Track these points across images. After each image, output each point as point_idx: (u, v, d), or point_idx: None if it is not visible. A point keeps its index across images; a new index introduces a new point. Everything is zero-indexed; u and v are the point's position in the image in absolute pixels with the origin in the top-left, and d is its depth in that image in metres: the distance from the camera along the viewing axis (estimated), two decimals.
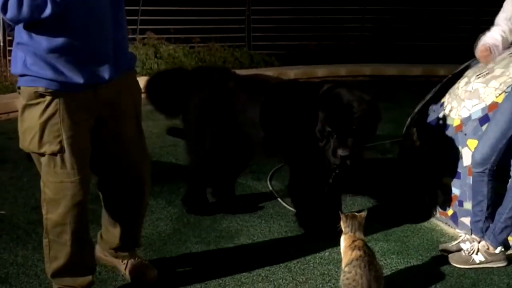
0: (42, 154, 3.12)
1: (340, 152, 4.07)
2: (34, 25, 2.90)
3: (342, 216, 3.62)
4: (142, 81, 4.89)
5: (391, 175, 5.56)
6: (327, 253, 4.20)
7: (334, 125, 4.07)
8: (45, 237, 3.34)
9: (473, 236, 4.14)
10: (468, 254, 4.05)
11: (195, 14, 12.22)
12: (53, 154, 3.09)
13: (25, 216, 4.79)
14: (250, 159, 5.11)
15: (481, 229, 4.11)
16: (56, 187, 3.17)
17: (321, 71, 11.67)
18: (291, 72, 11.39)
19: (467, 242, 4.11)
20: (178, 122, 5.09)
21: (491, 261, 4.03)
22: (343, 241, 3.58)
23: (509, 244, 4.18)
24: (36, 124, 3.06)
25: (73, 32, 2.95)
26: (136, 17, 11.38)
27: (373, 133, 4.28)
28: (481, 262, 4.02)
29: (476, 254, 4.03)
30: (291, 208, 4.84)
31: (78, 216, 3.23)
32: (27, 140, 3.13)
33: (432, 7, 13.50)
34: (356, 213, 3.64)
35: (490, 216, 4.08)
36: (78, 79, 3.01)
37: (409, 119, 5.40)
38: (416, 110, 5.37)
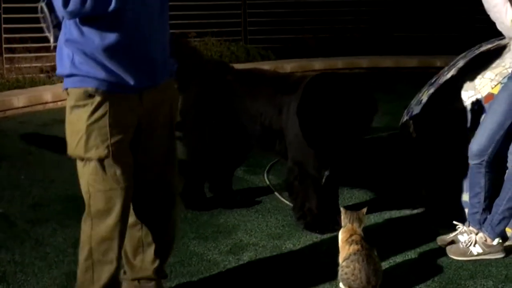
0: (88, 160, 2.90)
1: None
2: (88, 20, 2.74)
3: (342, 210, 3.64)
4: None
5: (389, 167, 5.55)
6: (324, 247, 4.20)
7: (315, 143, 4.15)
8: (86, 258, 3.04)
9: (470, 227, 4.13)
10: (466, 246, 4.04)
11: (190, 9, 12.19)
12: (101, 159, 2.88)
13: (22, 214, 4.79)
14: (247, 153, 5.11)
15: (478, 221, 4.11)
16: (106, 195, 2.94)
17: (317, 64, 11.65)
18: (288, 66, 11.37)
19: (465, 234, 4.10)
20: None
21: (489, 253, 4.03)
22: (341, 234, 3.59)
23: (506, 235, 4.18)
24: (83, 127, 2.86)
25: (127, 30, 2.79)
26: None
27: (369, 126, 4.28)
28: (479, 254, 4.02)
29: (474, 246, 4.03)
30: (288, 202, 4.83)
31: (124, 228, 3.05)
32: (73, 144, 2.92)
33: None
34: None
35: (488, 207, 4.08)
36: (130, 80, 2.85)
37: (405, 111, 5.40)
38: (412, 102, 5.37)
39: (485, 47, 4.96)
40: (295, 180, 4.46)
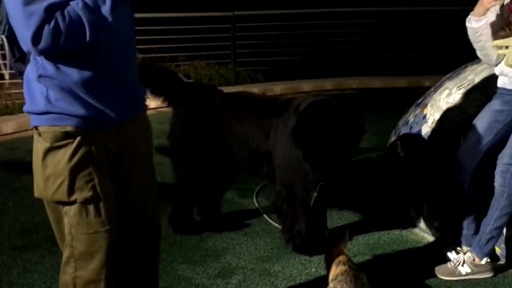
0: (71, 203, 2.68)
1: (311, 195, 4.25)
2: (63, 55, 2.52)
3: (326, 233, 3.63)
4: None
5: (377, 188, 5.56)
6: (313, 269, 4.19)
7: (309, 159, 4.15)
8: None
9: (462, 246, 4.14)
10: (454, 265, 4.05)
11: (180, 33, 12.25)
12: (86, 201, 2.67)
13: (10, 241, 4.76)
14: (235, 177, 5.11)
15: (469, 239, 4.11)
16: (90, 239, 2.72)
17: (307, 86, 11.72)
18: (277, 88, 11.43)
19: (454, 252, 4.10)
20: (162, 144, 5.07)
21: (477, 272, 4.03)
22: (327, 259, 3.57)
23: (496, 254, 4.18)
24: (64, 170, 2.63)
25: (105, 62, 2.60)
26: None
27: (356, 146, 4.28)
28: (467, 274, 4.02)
29: (462, 265, 4.03)
30: (277, 225, 4.82)
31: (113, 269, 2.82)
32: (51, 188, 2.67)
33: (415, 19, 13.59)
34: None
35: (477, 226, 4.08)
36: (111, 114, 2.65)
37: (393, 131, 5.42)
38: (399, 122, 5.39)
39: (471, 67, 4.99)
40: (284, 202, 4.45)
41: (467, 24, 3.93)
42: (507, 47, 3.72)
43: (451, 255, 4.10)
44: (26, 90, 2.66)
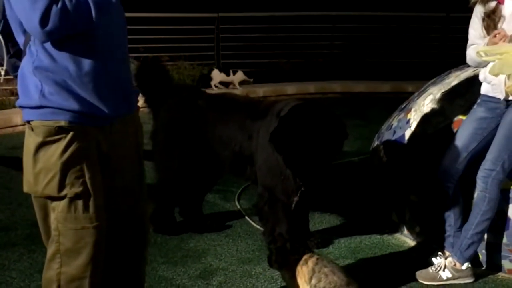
0: (61, 198, 2.66)
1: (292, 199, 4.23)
2: (61, 45, 2.52)
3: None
4: None
5: (359, 192, 5.56)
6: None
7: (289, 165, 4.12)
8: None
9: (445, 251, 4.15)
10: (435, 270, 4.05)
11: (164, 33, 12.22)
12: (75, 197, 2.65)
13: None
14: (218, 178, 5.09)
15: (451, 244, 4.12)
16: (77, 234, 2.69)
17: (290, 89, 11.72)
18: (261, 90, 11.43)
19: (438, 257, 4.11)
20: (145, 143, 5.03)
21: (458, 277, 4.04)
22: (286, 273, 3.56)
23: (478, 259, 4.20)
24: (55, 164, 2.61)
25: (101, 55, 2.60)
26: None
27: (338, 151, 4.26)
28: (448, 279, 4.03)
29: (443, 270, 4.04)
30: (258, 227, 4.81)
31: (99, 267, 2.78)
32: (41, 183, 2.64)
33: (400, 25, 13.64)
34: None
35: (460, 231, 4.09)
36: (105, 109, 2.64)
37: (376, 135, 5.42)
38: (383, 127, 5.40)
39: (455, 73, 5.01)
40: (265, 205, 4.43)
41: (473, 55, 3.93)
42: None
43: (435, 260, 4.11)
44: (20, 84, 2.65)
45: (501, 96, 3.91)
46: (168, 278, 4.10)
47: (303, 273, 3.38)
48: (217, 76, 11.26)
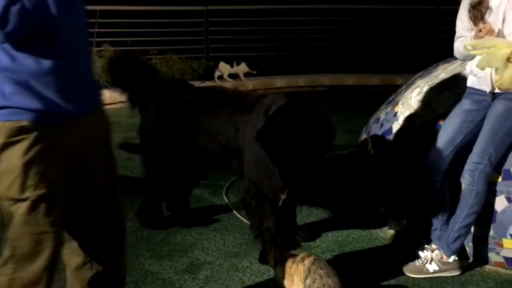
0: (23, 200, 2.55)
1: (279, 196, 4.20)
2: (21, 44, 2.44)
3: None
4: None
5: (348, 185, 5.55)
6: None
7: (276, 162, 4.08)
8: None
9: (432, 244, 4.14)
10: (422, 263, 4.05)
11: (152, 26, 12.17)
12: (38, 199, 2.55)
13: None
14: (205, 172, 5.07)
15: (438, 237, 4.12)
16: (36, 239, 2.59)
17: (279, 82, 11.72)
18: (250, 83, 11.41)
19: (425, 250, 4.11)
20: (132, 137, 5.02)
21: (445, 270, 4.04)
22: (280, 269, 3.52)
23: (465, 252, 4.21)
24: (18, 165, 2.52)
25: (62, 53, 2.53)
26: (92, 30, 11.28)
27: (326, 151, 4.23)
28: (435, 272, 4.03)
29: (430, 263, 4.04)
30: (246, 221, 4.79)
31: (53, 272, 2.68)
32: (4, 185, 2.56)
33: (389, 18, 13.65)
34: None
35: (447, 224, 4.09)
36: (68, 107, 2.56)
37: (364, 129, 5.41)
38: (370, 120, 5.39)
39: (442, 66, 5.00)
40: (252, 199, 4.42)
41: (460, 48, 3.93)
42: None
43: (421, 253, 4.10)
44: None
45: (487, 89, 3.91)
46: (154, 272, 4.09)
47: (299, 271, 3.34)
48: (224, 68, 11.30)
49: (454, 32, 4.11)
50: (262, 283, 3.94)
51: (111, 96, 9.95)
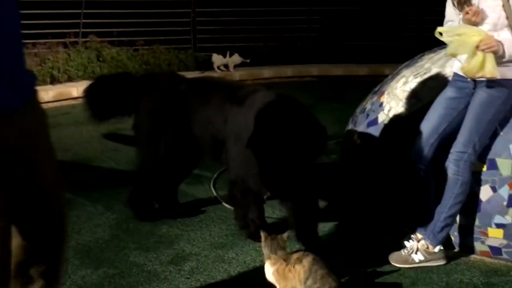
0: None
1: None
2: None
3: (262, 234, 3.51)
4: (84, 85, 4.85)
5: (334, 176, 5.54)
6: None
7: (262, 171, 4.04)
8: None
9: (417, 234, 4.14)
10: (408, 253, 4.05)
11: (139, 17, 12.10)
12: None
13: None
14: (197, 164, 4.99)
15: (424, 227, 4.12)
16: None
17: (267, 72, 11.70)
18: (237, 74, 11.38)
19: (411, 240, 4.11)
20: (119, 128, 4.98)
21: (431, 260, 4.04)
22: (271, 266, 3.42)
23: (451, 241, 4.22)
24: None
25: None
26: (78, 21, 11.23)
27: (315, 155, 4.15)
28: (420, 261, 4.03)
29: (416, 253, 4.04)
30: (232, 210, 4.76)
31: (6, 270, 2.55)
32: None
33: (377, 7, 13.62)
34: (277, 235, 3.49)
35: (432, 214, 4.09)
36: None
37: (350, 119, 5.40)
38: (357, 110, 5.38)
39: (428, 55, 4.99)
40: (238, 192, 4.38)
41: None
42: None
43: (407, 243, 4.10)
44: None
45: (468, 77, 3.91)
46: (139, 264, 4.07)
47: (296, 272, 3.28)
48: (217, 59, 11.31)
49: (442, 22, 4.10)
50: (248, 274, 3.93)
51: None
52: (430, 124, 4.02)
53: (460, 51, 3.77)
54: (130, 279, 3.87)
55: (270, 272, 3.42)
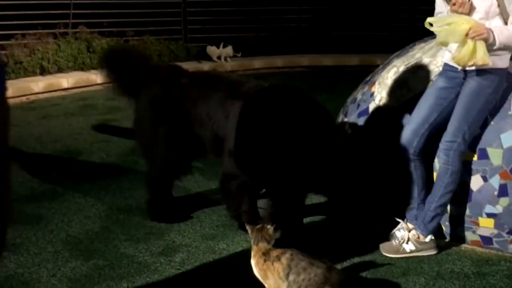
0: None
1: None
2: None
3: (248, 227, 3.47)
4: (75, 76, 4.81)
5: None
6: None
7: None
8: None
9: (408, 224, 4.14)
10: (399, 243, 4.05)
11: (129, 7, 12.03)
12: None
13: None
14: (195, 159, 4.90)
15: (415, 217, 4.12)
16: None
17: (258, 63, 11.67)
18: (228, 65, 11.34)
19: (402, 230, 4.11)
20: (108, 119, 4.94)
21: (422, 250, 4.04)
22: (252, 258, 3.42)
23: (442, 231, 4.22)
24: None
25: None
26: (68, 11, 11.15)
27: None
28: (411, 251, 4.03)
29: (407, 243, 4.04)
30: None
31: None
32: None
33: None
34: (266, 226, 3.45)
35: (423, 203, 4.09)
36: None
37: (342, 109, 5.38)
38: (348, 100, 5.36)
39: (419, 45, 4.98)
40: (231, 184, 4.32)
41: None
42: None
43: (398, 233, 4.10)
44: None
45: (459, 66, 3.90)
46: (129, 255, 4.05)
47: (275, 269, 3.24)
48: (212, 51, 11.34)
49: (434, 10, 4.11)
50: (238, 265, 3.90)
51: (87, 78, 9.95)
52: (421, 114, 4.02)
53: (450, 39, 3.77)
54: (120, 270, 3.85)
55: (257, 268, 3.38)
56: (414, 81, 4.55)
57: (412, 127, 4.03)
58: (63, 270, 3.85)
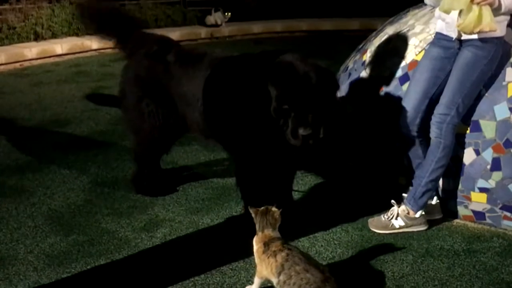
0: None
1: (302, 131, 3.55)
2: None
3: (252, 211, 3.27)
4: (69, 41, 4.65)
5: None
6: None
7: (292, 101, 3.58)
8: None
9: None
10: (388, 219, 3.93)
11: None
12: None
13: None
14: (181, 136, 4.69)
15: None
16: None
17: (256, 27, 11.51)
18: (226, 30, 11.19)
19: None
20: (102, 86, 4.80)
21: (411, 225, 3.92)
22: (254, 244, 3.23)
23: (432, 206, 4.08)
24: None
25: None
26: None
27: (333, 105, 3.81)
28: (401, 227, 3.91)
29: (396, 219, 3.92)
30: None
31: None
32: None
33: None
34: (270, 208, 3.26)
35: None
36: None
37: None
38: (340, 68, 5.21)
39: (413, 11, 4.80)
40: (245, 175, 4.00)
41: None
42: None
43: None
44: None
45: (454, 35, 3.74)
46: (111, 230, 3.95)
47: (269, 264, 3.08)
48: (207, 19, 11.42)
49: None
50: (221, 241, 3.79)
51: (81, 44, 9.80)
52: (419, 90, 3.84)
53: (455, 6, 3.57)
54: (100, 246, 3.75)
55: (255, 251, 3.23)
56: (406, 49, 4.36)
57: (412, 103, 3.86)
58: (41, 246, 3.75)
